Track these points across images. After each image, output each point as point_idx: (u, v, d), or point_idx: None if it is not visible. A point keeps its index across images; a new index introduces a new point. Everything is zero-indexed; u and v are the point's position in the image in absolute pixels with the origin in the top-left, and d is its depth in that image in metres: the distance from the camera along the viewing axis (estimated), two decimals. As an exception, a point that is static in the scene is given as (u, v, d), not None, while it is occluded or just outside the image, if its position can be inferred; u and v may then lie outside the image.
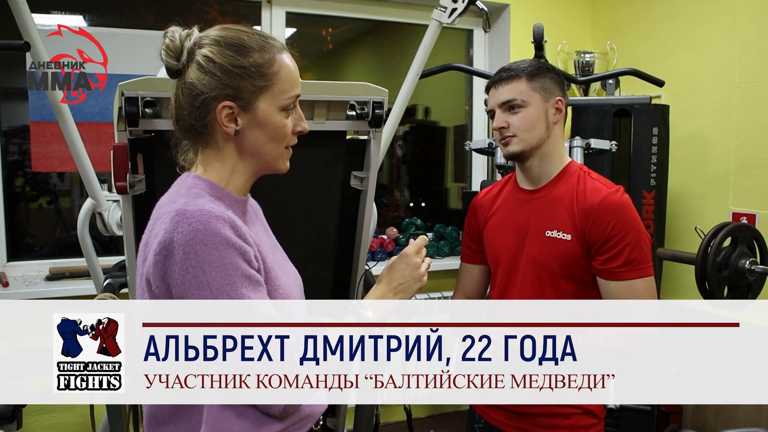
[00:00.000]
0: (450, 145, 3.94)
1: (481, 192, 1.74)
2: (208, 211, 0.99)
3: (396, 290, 1.24)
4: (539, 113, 1.50)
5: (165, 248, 0.97)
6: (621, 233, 1.42)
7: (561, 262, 1.49)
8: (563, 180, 1.53)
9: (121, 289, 1.84)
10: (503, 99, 1.51)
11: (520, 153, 1.51)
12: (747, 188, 2.68)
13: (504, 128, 1.51)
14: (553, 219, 1.50)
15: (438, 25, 2.12)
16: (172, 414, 1.07)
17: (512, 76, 1.51)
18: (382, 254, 3.33)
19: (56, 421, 2.73)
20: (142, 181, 1.44)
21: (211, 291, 0.97)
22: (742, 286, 2.03)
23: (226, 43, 1.05)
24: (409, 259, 1.25)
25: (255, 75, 1.05)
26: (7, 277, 2.68)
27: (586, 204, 1.46)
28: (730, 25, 2.76)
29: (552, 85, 1.53)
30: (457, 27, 2.25)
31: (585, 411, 1.52)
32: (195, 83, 1.04)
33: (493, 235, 1.64)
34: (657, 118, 2.79)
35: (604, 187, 1.49)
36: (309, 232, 1.74)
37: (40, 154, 2.75)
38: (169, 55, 1.06)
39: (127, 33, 2.85)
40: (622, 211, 1.44)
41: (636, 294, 1.44)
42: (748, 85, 2.68)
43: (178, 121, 1.10)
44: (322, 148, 1.25)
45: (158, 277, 0.99)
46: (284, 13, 3.15)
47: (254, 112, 1.07)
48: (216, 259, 0.97)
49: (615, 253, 1.43)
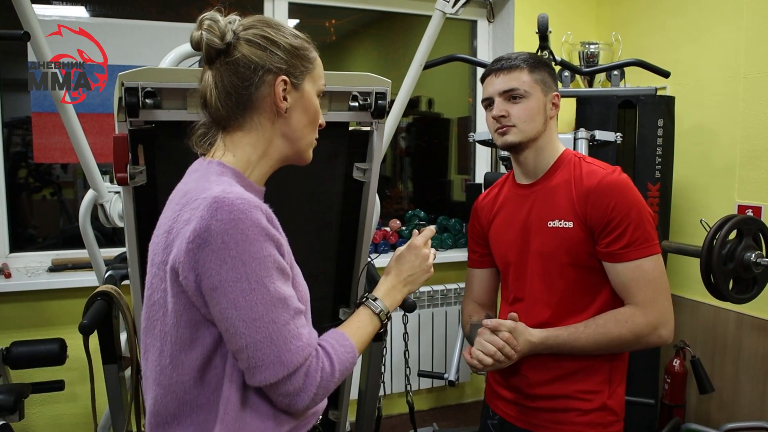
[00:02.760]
0: (453, 136, 3.93)
1: (480, 195, 1.74)
2: (248, 200, 0.96)
3: (405, 281, 1.25)
4: (539, 106, 1.50)
5: (200, 236, 0.94)
6: (622, 213, 1.40)
7: (566, 250, 1.47)
8: (560, 169, 1.52)
9: (123, 280, 1.84)
10: (505, 87, 1.49)
11: (518, 144, 1.51)
12: (753, 180, 2.67)
13: (504, 117, 1.50)
14: (554, 209, 1.49)
15: (441, 15, 2.10)
16: (176, 413, 1.04)
17: (514, 66, 1.50)
18: (385, 246, 3.32)
19: (58, 413, 2.74)
20: (143, 172, 1.42)
21: (250, 283, 0.95)
22: (747, 279, 2.02)
23: (275, 24, 1.09)
24: (418, 250, 1.26)
25: (303, 56, 1.09)
26: (10, 269, 2.69)
27: (583, 188, 1.45)
28: (736, 16, 2.73)
29: (550, 79, 1.53)
30: (460, 18, 2.23)
31: (603, 407, 1.49)
32: (251, 57, 1.05)
33: (498, 235, 1.62)
34: (662, 110, 2.78)
35: (600, 169, 1.48)
36: (311, 224, 1.73)
37: (42, 145, 2.74)
38: (213, 34, 1.04)
39: (130, 24, 2.84)
40: (620, 191, 1.42)
41: (644, 274, 1.41)
42: (754, 76, 2.66)
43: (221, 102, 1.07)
44: (324, 140, 1.24)
45: (188, 267, 0.96)
46: (287, 4, 3.13)
47: (302, 92, 1.10)
48: (256, 251, 0.95)
49: (618, 234, 1.41)
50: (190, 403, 1.03)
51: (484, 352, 1.40)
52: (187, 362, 1.01)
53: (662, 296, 1.43)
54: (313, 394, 1.02)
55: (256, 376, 0.98)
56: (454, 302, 3.35)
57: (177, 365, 1.02)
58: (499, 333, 1.40)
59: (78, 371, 2.55)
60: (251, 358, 0.97)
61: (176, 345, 1.01)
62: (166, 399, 1.04)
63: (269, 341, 0.97)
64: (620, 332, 1.42)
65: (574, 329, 1.45)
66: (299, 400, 1.01)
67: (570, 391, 1.49)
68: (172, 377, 1.03)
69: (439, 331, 3.34)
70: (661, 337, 1.43)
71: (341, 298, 1.83)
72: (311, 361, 1.01)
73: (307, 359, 1.00)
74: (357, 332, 1.15)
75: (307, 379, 1.00)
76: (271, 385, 0.99)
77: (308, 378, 1.00)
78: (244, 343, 0.96)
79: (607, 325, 1.43)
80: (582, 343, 1.43)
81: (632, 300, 1.43)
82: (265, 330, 0.96)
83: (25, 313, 2.66)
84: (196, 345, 1.01)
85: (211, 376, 1.02)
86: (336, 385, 1.07)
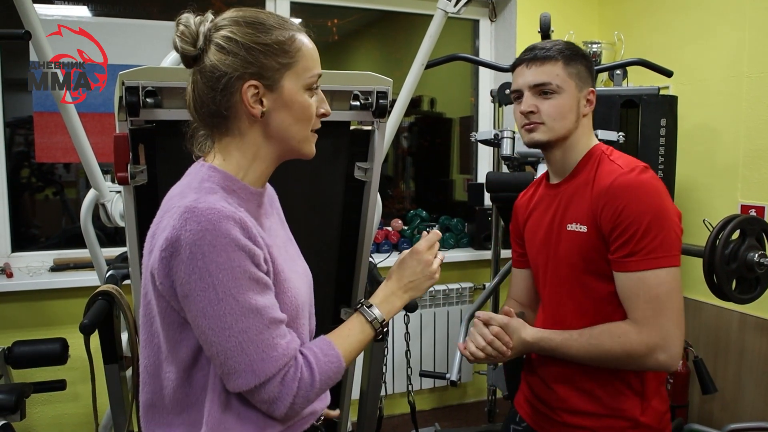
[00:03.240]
0: (456, 136, 3.92)
1: (521, 194, 1.66)
2: (219, 210, 0.95)
3: (406, 288, 1.21)
4: (572, 103, 1.39)
5: (171, 245, 0.95)
6: (631, 217, 1.27)
7: (582, 256, 1.37)
8: (585, 168, 1.42)
9: (124, 280, 1.84)
10: (537, 81, 1.38)
11: (545, 143, 1.41)
12: (756, 180, 2.66)
13: (532, 113, 1.39)
14: (573, 211, 1.40)
15: (443, 14, 2.10)
16: (169, 409, 1.06)
17: (549, 57, 1.37)
18: (387, 246, 3.32)
19: (60, 412, 2.74)
20: (144, 171, 1.42)
21: (217, 293, 0.95)
22: (750, 280, 2.01)
23: (246, 22, 1.02)
24: (421, 255, 1.22)
25: (278, 52, 1.02)
26: (12, 268, 2.69)
27: (599, 189, 1.34)
28: (739, 15, 2.72)
29: (586, 74, 1.42)
30: (463, 17, 2.23)
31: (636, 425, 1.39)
32: (217, 65, 1.00)
33: (530, 237, 1.55)
34: (665, 109, 2.76)
35: (618, 167, 1.35)
36: (312, 224, 1.73)
37: (43, 144, 2.75)
38: (184, 41, 1.01)
39: (132, 23, 2.84)
40: (633, 192, 1.28)
41: (646, 289, 1.27)
42: (757, 76, 2.65)
43: (197, 110, 1.06)
44: (325, 139, 1.23)
45: (162, 274, 0.97)
46: (289, 4, 3.13)
47: (280, 92, 1.03)
48: (224, 262, 0.94)
49: (624, 240, 1.28)
50: (181, 402, 1.05)
51: (475, 345, 1.38)
52: (176, 360, 1.03)
53: (665, 317, 1.27)
54: (290, 403, 1.01)
55: (230, 383, 0.99)
56: (456, 302, 3.34)
57: (169, 362, 1.04)
58: (489, 327, 1.37)
59: (80, 371, 2.55)
60: (224, 365, 0.98)
61: (167, 343, 1.03)
62: (159, 395, 1.06)
63: (239, 350, 0.96)
64: (612, 347, 1.31)
65: (569, 335, 1.37)
66: (276, 408, 1.01)
67: (595, 408, 1.41)
68: (164, 374, 1.05)
69: (440, 331, 3.33)
70: (659, 362, 1.29)
71: (342, 298, 1.83)
72: (287, 370, 1.01)
73: (281, 369, 1.00)
74: (346, 341, 1.12)
75: (283, 388, 1.00)
76: (246, 392, 1.00)
77: (284, 387, 1.00)
78: (216, 350, 0.97)
79: (601, 337, 1.32)
80: (574, 351, 1.35)
81: (630, 315, 1.31)
82: (235, 339, 0.96)
83: (27, 312, 2.66)
84: (182, 344, 1.02)
85: (199, 376, 1.04)
86: (318, 394, 1.06)
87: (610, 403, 1.40)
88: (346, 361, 1.10)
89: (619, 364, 1.34)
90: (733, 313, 2.73)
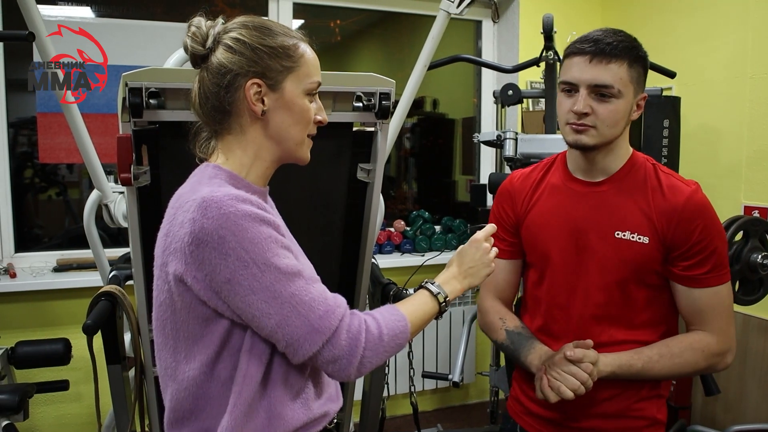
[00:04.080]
0: (458, 137, 3.92)
1: (515, 176, 1.55)
2: (235, 195, 0.99)
3: (466, 273, 1.24)
4: (627, 109, 1.31)
5: (197, 237, 0.96)
6: (708, 238, 1.31)
7: (635, 266, 1.34)
8: (631, 174, 1.37)
9: (127, 281, 1.84)
10: (598, 81, 1.27)
11: (592, 147, 1.32)
12: (759, 181, 2.65)
13: (587, 114, 1.29)
14: (624, 218, 1.35)
15: (446, 16, 2.10)
16: (193, 407, 1.07)
17: (616, 56, 1.26)
18: (390, 247, 3.32)
19: (63, 413, 2.75)
20: (147, 172, 1.43)
21: (258, 267, 0.97)
22: (753, 281, 2.01)
23: (254, 26, 1.08)
24: (479, 243, 1.26)
25: (282, 55, 1.07)
26: (15, 268, 2.69)
27: (667, 204, 1.32)
28: (742, 15, 2.72)
29: (644, 77, 1.33)
30: (465, 18, 2.22)
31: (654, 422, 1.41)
32: (223, 62, 1.06)
33: (537, 228, 1.46)
34: (668, 110, 2.76)
35: (682, 184, 1.34)
36: (315, 225, 1.73)
37: (47, 145, 2.75)
38: (195, 41, 1.07)
39: (134, 24, 2.84)
40: (707, 214, 1.33)
41: (721, 301, 1.35)
42: (761, 76, 2.64)
43: (201, 105, 1.10)
44: (328, 140, 1.23)
45: (194, 267, 0.98)
46: (291, 5, 3.14)
47: (281, 93, 1.08)
48: (254, 236, 0.97)
49: (701, 258, 1.32)
50: (204, 397, 1.06)
51: (566, 386, 1.27)
52: (199, 356, 1.04)
53: (732, 323, 1.38)
54: (360, 355, 1.02)
55: (299, 352, 1.00)
56: (458, 303, 3.34)
57: (190, 359, 1.05)
58: (581, 365, 1.28)
59: (83, 371, 2.55)
60: (286, 335, 0.99)
61: (189, 340, 1.04)
62: (183, 394, 1.07)
63: (296, 314, 0.99)
64: (696, 360, 1.34)
65: (648, 359, 1.34)
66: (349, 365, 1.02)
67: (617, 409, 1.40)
68: (186, 372, 1.06)
69: (443, 332, 3.33)
70: (726, 363, 1.38)
71: (345, 299, 1.83)
72: (349, 320, 1.03)
73: (341, 319, 1.02)
74: (410, 307, 1.14)
75: (351, 340, 1.02)
76: (315, 357, 1.01)
77: (351, 338, 1.02)
78: (274, 322, 0.98)
79: (684, 354, 1.34)
80: (656, 372, 1.34)
81: (706, 326, 1.35)
82: (289, 305, 0.98)
83: (30, 312, 2.66)
84: (206, 339, 1.03)
85: (220, 369, 1.05)
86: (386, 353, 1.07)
87: (631, 405, 1.40)
88: (412, 325, 1.11)
89: (696, 372, 1.39)
90: (736, 314, 2.72)
